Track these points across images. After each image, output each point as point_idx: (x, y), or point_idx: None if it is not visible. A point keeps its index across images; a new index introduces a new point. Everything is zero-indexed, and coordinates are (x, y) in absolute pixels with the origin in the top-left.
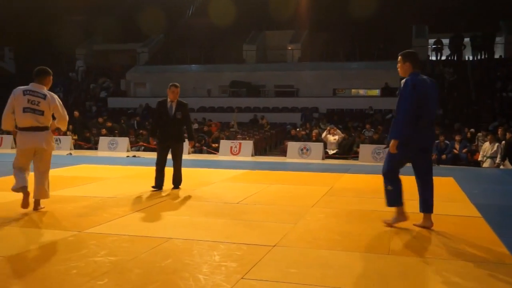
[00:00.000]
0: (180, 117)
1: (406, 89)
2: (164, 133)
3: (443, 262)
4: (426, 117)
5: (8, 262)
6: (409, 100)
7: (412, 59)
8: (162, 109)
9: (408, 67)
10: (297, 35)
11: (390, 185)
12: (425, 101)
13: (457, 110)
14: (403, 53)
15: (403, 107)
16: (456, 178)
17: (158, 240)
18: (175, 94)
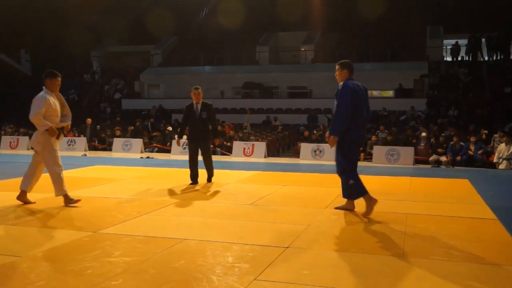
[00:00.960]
0: (205, 117)
1: (345, 92)
2: (192, 133)
3: (458, 264)
4: (360, 116)
5: (24, 262)
6: (348, 101)
7: (349, 67)
8: (189, 112)
9: (346, 73)
10: (310, 36)
11: (351, 179)
12: (360, 102)
13: (472, 111)
14: (340, 63)
15: (343, 108)
16: (471, 180)
17: (172, 241)
18: (197, 96)
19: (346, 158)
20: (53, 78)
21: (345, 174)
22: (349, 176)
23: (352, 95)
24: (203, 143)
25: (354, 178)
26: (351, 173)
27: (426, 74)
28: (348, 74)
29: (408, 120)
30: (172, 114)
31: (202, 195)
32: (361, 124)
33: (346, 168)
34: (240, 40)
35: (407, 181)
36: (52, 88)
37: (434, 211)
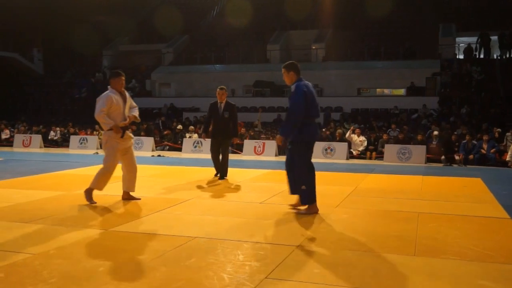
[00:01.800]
0: (227, 116)
1: (299, 95)
2: (215, 130)
3: (470, 264)
4: (314, 114)
5: (36, 259)
6: (301, 105)
7: (294, 68)
8: (213, 109)
9: (293, 75)
10: (321, 35)
11: (304, 184)
12: (312, 102)
13: (484, 109)
14: (285, 65)
15: (295, 111)
16: (484, 178)
17: (183, 239)
18: (221, 96)
19: (303, 159)
20: (116, 78)
21: (300, 177)
22: (304, 181)
23: (305, 96)
24: (223, 139)
25: (307, 183)
26: (306, 177)
27: (438, 72)
28: (296, 75)
29: (420, 119)
30: (183, 113)
31: (213, 193)
32: (314, 122)
33: (301, 171)
34: (251, 38)
35: (419, 180)
36: (116, 86)
37: (446, 210)
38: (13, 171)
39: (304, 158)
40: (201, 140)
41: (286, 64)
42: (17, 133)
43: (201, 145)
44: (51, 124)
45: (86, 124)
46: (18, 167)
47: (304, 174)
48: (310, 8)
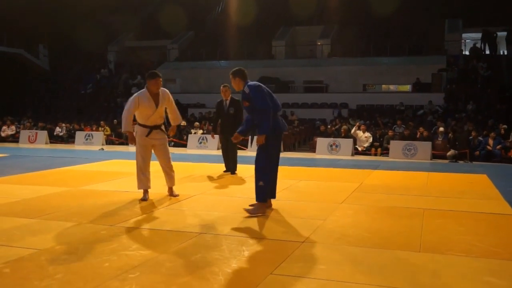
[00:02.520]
0: (232, 112)
1: (258, 93)
2: (222, 127)
3: (476, 260)
4: (275, 108)
5: (42, 255)
6: (266, 100)
7: (240, 74)
8: (219, 107)
9: (239, 81)
10: (326, 30)
11: (263, 181)
12: (271, 95)
13: (491, 105)
14: (231, 72)
15: (265, 107)
16: (489, 175)
17: (188, 234)
18: (225, 93)
19: (266, 154)
20: (151, 79)
21: (260, 172)
22: (261, 177)
23: (264, 92)
24: (230, 136)
25: (264, 180)
26: (265, 174)
27: (444, 68)
28: (243, 80)
29: (425, 115)
30: (188, 109)
31: (218, 189)
32: (277, 114)
33: (260, 164)
34: (256, 34)
35: (424, 176)
36: (151, 87)
37: (452, 206)
38: (19, 167)
39: (268, 152)
40: (206, 136)
41: (232, 71)
42: (23, 129)
43: (206, 141)
44: (57, 120)
45: (92, 120)
46: (24, 163)
47: (264, 169)
48: (316, 4)
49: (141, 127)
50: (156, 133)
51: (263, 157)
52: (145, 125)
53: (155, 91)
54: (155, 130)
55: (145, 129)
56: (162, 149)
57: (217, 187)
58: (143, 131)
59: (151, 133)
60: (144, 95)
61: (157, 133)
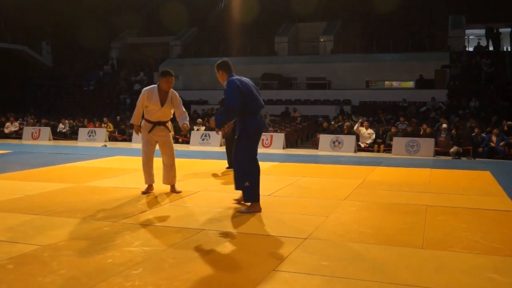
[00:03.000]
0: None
1: (231, 89)
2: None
3: (478, 257)
4: (255, 107)
5: (45, 251)
6: (235, 97)
7: (223, 67)
8: None
9: (223, 74)
10: (329, 27)
11: (248, 181)
12: (250, 92)
13: (494, 102)
14: (216, 65)
15: (230, 104)
16: (493, 172)
17: (191, 231)
18: None
19: (247, 153)
20: (163, 77)
21: (243, 173)
22: (247, 177)
23: (239, 89)
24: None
25: (251, 180)
26: (249, 173)
27: (448, 64)
28: (226, 73)
29: (428, 112)
30: (190, 105)
31: (221, 186)
32: (257, 112)
33: (246, 165)
34: (259, 31)
35: (427, 173)
36: (162, 85)
37: (455, 203)
38: (22, 163)
39: (248, 153)
40: (209, 132)
41: (216, 64)
42: (26, 126)
43: (209, 137)
44: (60, 116)
45: (95, 116)
46: (27, 159)
47: (247, 169)
48: (319, 0)
49: (146, 122)
50: (160, 129)
51: (243, 159)
52: (149, 121)
53: (165, 89)
54: (158, 127)
55: (149, 124)
56: (165, 145)
57: (220, 183)
58: (147, 127)
59: (153, 129)
60: (153, 91)
61: (161, 129)
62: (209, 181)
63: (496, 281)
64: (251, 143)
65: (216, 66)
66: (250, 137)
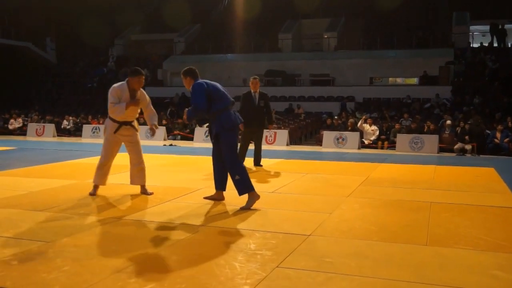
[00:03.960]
0: (262, 105)
1: (196, 91)
2: (249, 119)
3: (482, 254)
4: (224, 105)
5: (50, 247)
6: (200, 98)
7: (190, 73)
8: (247, 99)
9: (190, 80)
10: (333, 23)
11: (238, 174)
12: (217, 90)
13: (498, 99)
14: (182, 72)
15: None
16: (497, 168)
17: (194, 227)
18: (255, 85)
19: (231, 148)
20: (134, 76)
21: (231, 167)
22: (235, 171)
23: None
24: (258, 130)
25: (239, 172)
26: (236, 167)
27: (452, 61)
28: (193, 79)
29: (432, 108)
30: None
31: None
32: (228, 108)
33: (229, 160)
34: (263, 27)
35: (431, 170)
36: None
37: (459, 200)
38: (26, 160)
39: (232, 147)
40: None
41: (183, 71)
42: (30, 122)
43: None
44: (64, 113)
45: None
46: (32, 156)
47: (234, 162)
48: None
49: (111, 121)
50: (126, 129)
51: (228, 153)
52: (115, 120)
53: (136, 88)
54: (125, 127)
55: (115, 124)
56: (133, 145)
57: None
58: (112, 127)
59: (120, 129)
60: (123, 89)
61: (127, 129)
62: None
63: (500, 278)
64: (232, 137)
65: (183, 73)
66: (228, 132)
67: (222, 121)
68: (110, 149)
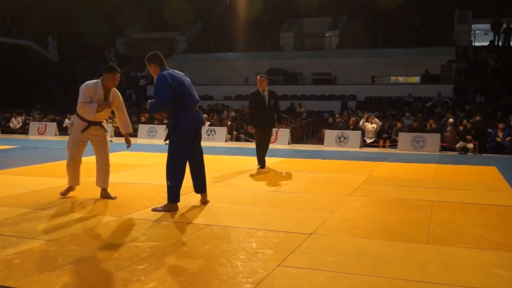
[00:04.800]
0: (273, 104)
1: (160, 84)
2: (261, 119)
3: (484, 252)
4: (188, 100)
5: (51, 246)
6: (164, 92)
7: (155, 60)
8: (256, 99)
9: (155, 67)
10: (335, 22)
11: (169, 180)
12: (182, 87)
13: (500, 97)
14: (146, 58)
15: (159, 100)
16: (499, 167)
17: (196, 226)
18: (261, 83)
19: (175, 151)
20: (109, 73)
21: (168, 170)
22: (169, 177)
23: (169, 84)
24: (268, 129)
25: (173, 179)
26: (173, 172)
27: (454, 59)
28: (159, 66)
29: (434, 107)
30: None
31: (226, 181)
32: (189, 108)
33: (170, 163)
34: (264, 26)
35: (433, 168)
36: (106, 83)
37: (460, 198)
38: (28, 159)
39: (177, 151)
40: (214, 128)
41: (147, 57)
42: (32, 121)
43: (214, 133)
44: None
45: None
46: (33, 154)
47: (172, 168)
48: None
49: (79, 119)
50: (95, 129)
51: (171, 157)
52: (85, 119)
53: (110, 86)
54: (94, 126)
55: (84, 123)
56: (101, 146)
57: (224, 179)
58: (81, 125)
59: (88, 128)
60: (96, 87)
61: (96, 129)
62: (213, 177)
63: (502, 277)
64: (181, 141)
65: (147, 59)
66: (181, 135)
67: (178, 122)
68: (76, 148)
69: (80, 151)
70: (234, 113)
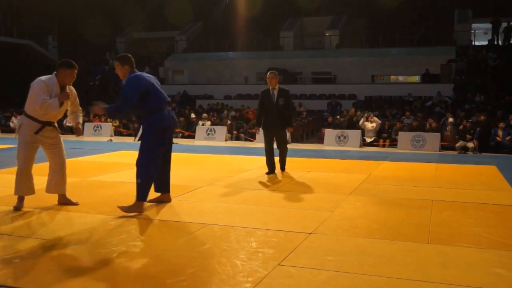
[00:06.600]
0: (282, 103)
1: (129, 85)
2: (269, 120)
3: (485, 252)
4: (160, 99)
5: (51, 245)
6: (132, 93)
7: (129, 61)
8: (265, 98)
9: (127, 69)
10: (335, 21)
11: (139, 178)
12: (154, 87)
13: (500, 97)
14: (118, 58)
15: (127, 100)
16: (499, 166)
17: (196, 225)
18: (271, 80)
19: (146, 150)
20: (67, 69)
21: (139, 168)
22: (138, 175)
23: (142, 85)
24: (279, 131)
25: (143, 177)
26: (144, 172)
27: (454, 59)
28: (131, 68)
29: (434, 106)
30: (196, 100)
31: (225, 181)
32: (162, 108)
33: (141, 161)
34: (264, 25)
35: (433, 168)
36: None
37: (461, 197)
38: None
39: (149, 149)
40: (214, 127)
41: (119, 57)
42: None
43: (214, 132)
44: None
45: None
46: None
47: (143, 166)
48: None
49: (31, 120)
50: (49, 130)
51: (141, 155)
52: (37, 120)
53: (67, 83)
54: (48, 127)
55: (37, 124)
56: (56, 148)
57: (224, 178)
58: (33, 127)
59: (42, 130)
60: (52, 84)
61: (50, 130)
62: (213, 176)
63: (503, 276)
64: (153, 140)
65: (120, 60)
66: (153, 134)
67: (152, 122)
68: (29, 153)
69: (33, 156)
70: (234, 113)
